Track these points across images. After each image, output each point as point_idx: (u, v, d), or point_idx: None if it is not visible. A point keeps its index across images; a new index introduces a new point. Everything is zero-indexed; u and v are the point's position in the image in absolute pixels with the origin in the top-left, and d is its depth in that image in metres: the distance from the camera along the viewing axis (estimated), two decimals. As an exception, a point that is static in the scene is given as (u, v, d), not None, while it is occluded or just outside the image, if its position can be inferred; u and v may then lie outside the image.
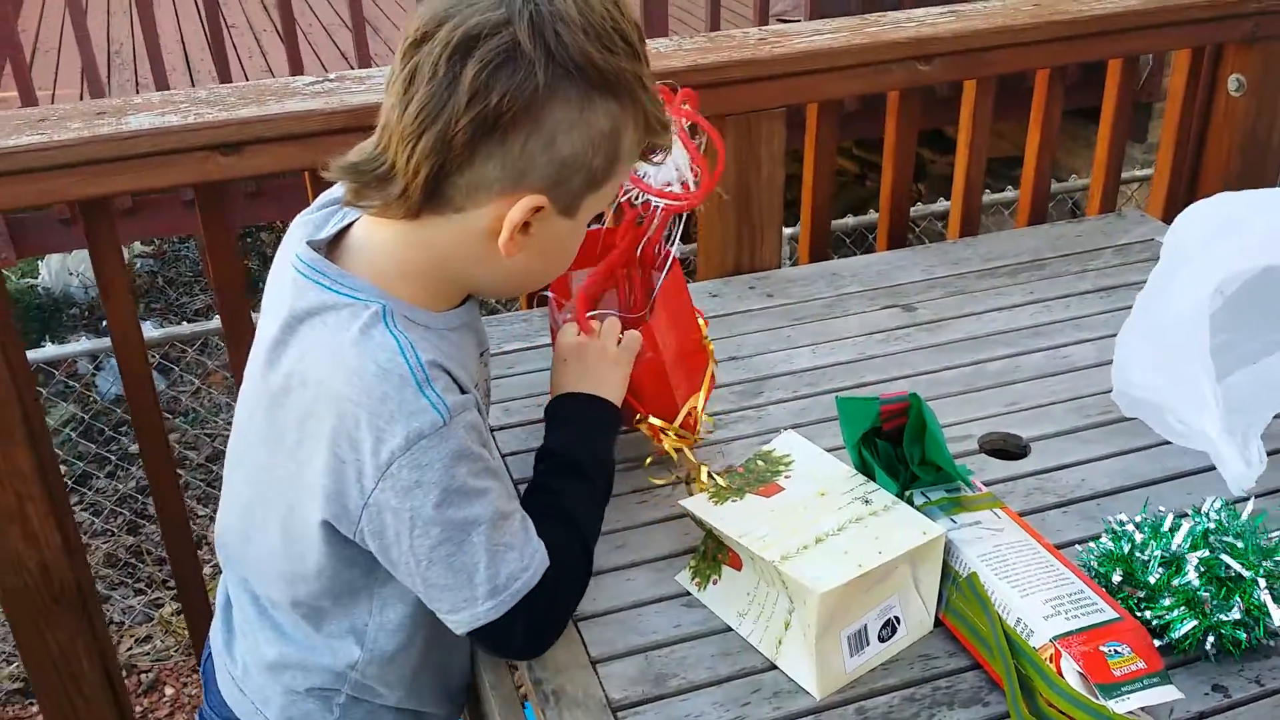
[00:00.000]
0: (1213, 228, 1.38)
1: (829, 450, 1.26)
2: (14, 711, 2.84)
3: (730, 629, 1.16)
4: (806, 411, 1.50)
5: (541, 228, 1.03)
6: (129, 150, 1.44)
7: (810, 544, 1.11)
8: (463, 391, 1.06)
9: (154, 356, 3.67)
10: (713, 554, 1.20)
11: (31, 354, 2.74)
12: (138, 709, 2.88)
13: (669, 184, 1.24)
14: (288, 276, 1.07)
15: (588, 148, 0.99)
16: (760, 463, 1.24)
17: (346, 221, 1.11)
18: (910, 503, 1.19)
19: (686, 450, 1.33)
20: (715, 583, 1.20)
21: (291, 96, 1.55)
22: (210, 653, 1.28)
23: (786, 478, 1.22)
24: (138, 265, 5.19)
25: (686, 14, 4.91)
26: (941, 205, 3.87)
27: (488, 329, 1.69)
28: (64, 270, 5.03)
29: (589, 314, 1.30)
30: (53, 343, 3.81)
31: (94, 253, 1.56)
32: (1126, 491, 1.35)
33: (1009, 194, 3.75)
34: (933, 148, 5.42)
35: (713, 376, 1.39)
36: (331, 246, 1.10)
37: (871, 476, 1.20)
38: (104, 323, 4.59)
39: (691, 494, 1.25)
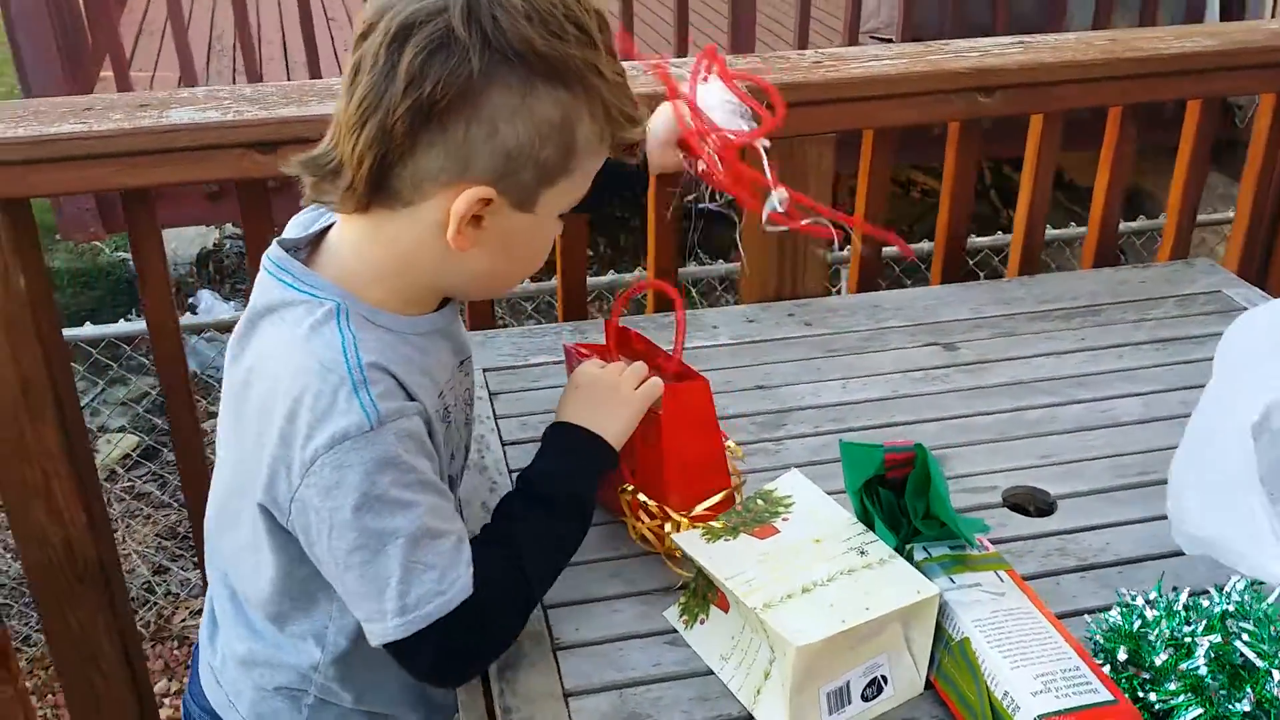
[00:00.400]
0: (1264, 344, 1.26)
1: (836, 494, 1.22)
2: (39, 683, 2.90)
3: (711, 672, 1.13)
4: (827, 448, 1.46)
5: (496, 222, 1.01)
6: (167, 143, 1.46)
7: (796, 593, 1.07)
8: (410, 399, 1.03)
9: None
10: (703, 592, 1.17)
11: (71, 332, 2.81)
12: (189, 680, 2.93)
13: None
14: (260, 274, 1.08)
15: (534, 137, 0.97)
16: (760, 502, 1.21)
17: (329, 222, 1.10)
18: (910, 557, 1.15)
19: (651, 539, 1.26)
20: (702, 622, 1.16)
21: (333, 98, 1.55)
22: (199, 642, 1.29)
23: (785, 520, 1.18)
24: (227, 246, 5.31)
25: (776, 24, 4.86)
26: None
27: (518, 340, 1.70)
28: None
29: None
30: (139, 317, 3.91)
31: (133, 241, 1.59)
32: (1152, 560, 1.28)
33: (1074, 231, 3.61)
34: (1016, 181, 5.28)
35: (730, 499, 1.26)
36: (314, 247, 1.10)
37: (871, 526, 1.16)
38: (190, 299, 4.72)
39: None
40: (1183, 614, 1.09)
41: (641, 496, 1.23)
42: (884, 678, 1.09)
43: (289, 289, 1.04)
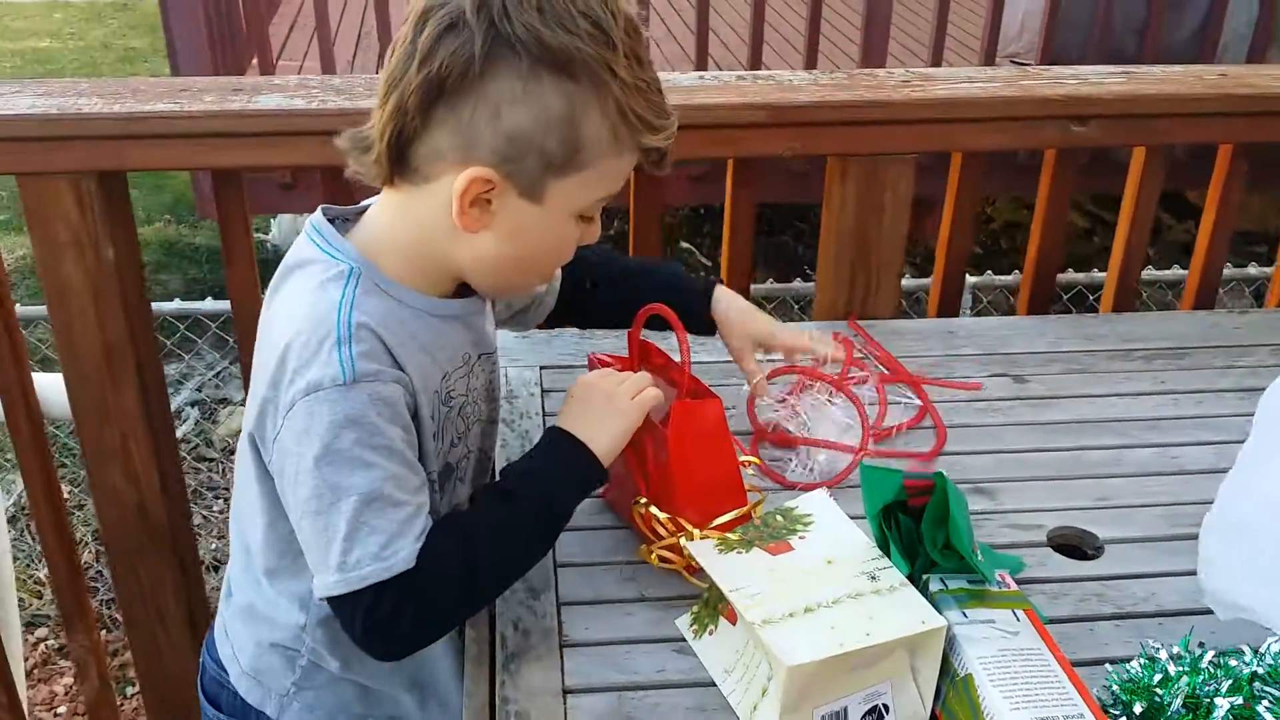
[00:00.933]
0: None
1: (863, 519, 1.20)
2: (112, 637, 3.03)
3: (714, 685, 1.13)
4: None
5: (503, 206, 1.04)
6: (252, 127, 1.53)
7: (799, 612, 1.06)
8: (396, 366, 1.06)
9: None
10: (714, 603, 1.17)
11: (161, 305, 2.98)
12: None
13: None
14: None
15: (536, 125, 1.00)
16: (779, 518, 1.20)
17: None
18: (925, 587, 1.12)
19: (670, 558, 1.24)
20: (711, 634, 1.16)
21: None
22: (222, 594, 1.34)
23: (801, 538, 1.17)
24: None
25: (912, 40, 4.78)
26: (1171, 273, 3.66)
27: (580, 341, 1.71)
28: (293, 230, 5.35)
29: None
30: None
31: (222, 220, 1.66)
32: (1195, 615, 1.22)
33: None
34: (1172, 212, 5.10)
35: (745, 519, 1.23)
36: (358, 219, 1.16)
37: (887, 552, 1.14)
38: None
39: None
40: (1208, 671, 1.04)
41: (654, 510, 1.21)
42: (885, 706, 1.07)
43: (316, 249, 1.10)
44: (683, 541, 1.18)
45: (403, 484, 1.05)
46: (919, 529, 1.15)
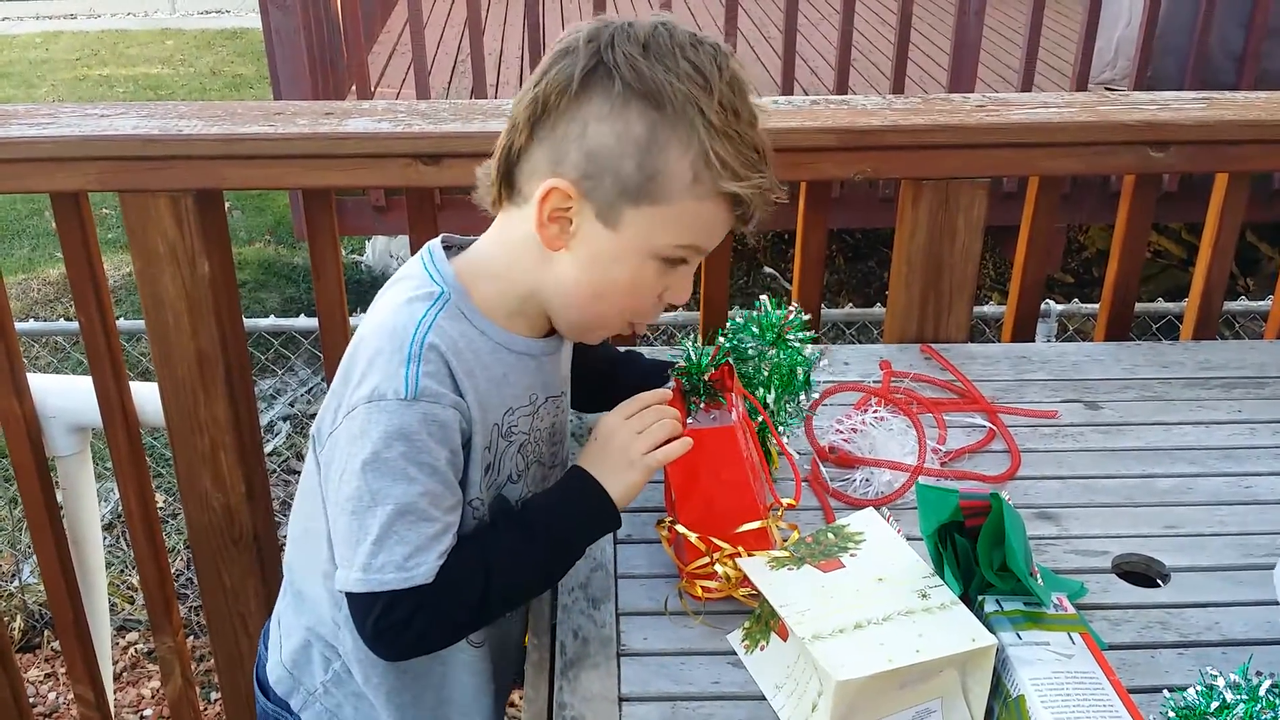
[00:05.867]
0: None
1: (917, 540, 1.21)
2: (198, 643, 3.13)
3: (765, 699, 1.14)
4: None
5: (581, 226, 1.09)
6: (341, 149, 1.59)
7: (849, 628, 1.07)
8: (457, 392, 1.11)
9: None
10: (766, 618, 1.18)
11: (256, 321, 3.09)
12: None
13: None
14: None
15: (616, 145, 1.05)
16: (830, 535, 1.21)
17: None
18: (980, 608, 1.13)
19: (714, 588, 1.24)
20: (763, 649, 1.18)
21: (497, 117, 1.66)
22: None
23: (852, 555, 1.18)
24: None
25: (1003, 66, 4.75)
26: (1261, 304, 3.55)
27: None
28: (386, 252, 5.51)
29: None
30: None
31: (311, 238, 1.73)
32: (1263, 646, 1.21)
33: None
34: (1271, 242, 4.97)
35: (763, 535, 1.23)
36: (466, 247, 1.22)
37: (940, 571, 1.15)
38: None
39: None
40: (1266, 700, 1.03)
41: (680, 528, 1.22)
42: (936, 724, 1.07)
43: (421, 266, 1.17)
44: (738, 561, 1.19)
45: (438, 501, 1.11)
46: (975, 550, 1.15)
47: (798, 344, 1.37)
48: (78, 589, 1.96)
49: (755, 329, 1.37)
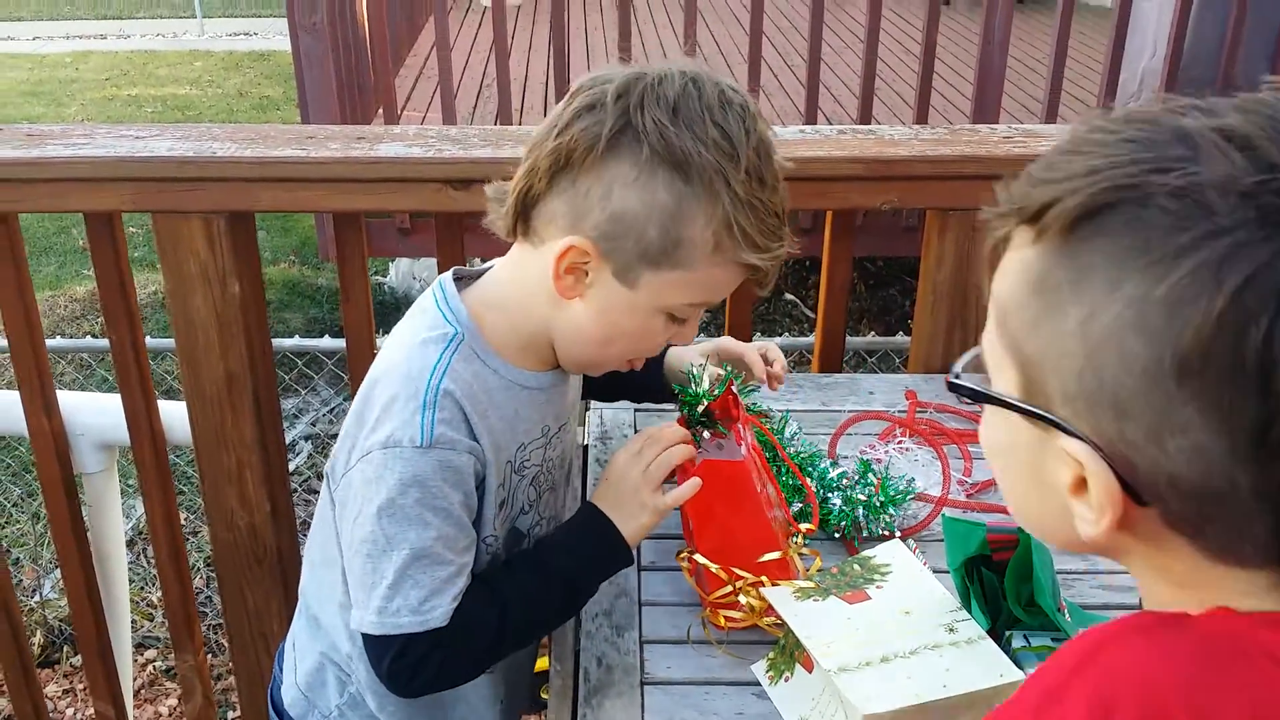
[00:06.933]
0: None
1: (944, 572, 1.21)
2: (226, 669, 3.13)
3: (790, 729, 1.14)
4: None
5: (597, 281, 1.08)
6: (373, 174, 1.61)
7: (875, 661, 1.07)
8: (471, 437, 1.11)
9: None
10: (791, 649, 1.18)
11: (280, 341, 3.14)
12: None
13: None
14: None
15: (641, 211, 1.04)
16: (856, 567, 1.21)
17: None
18: (1008, 644, 1.12)
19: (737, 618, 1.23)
20: (787, 680, 1.17)
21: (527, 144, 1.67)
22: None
23: (878, 588, 1.18)
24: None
25: (1027, 97, 4.75)
26: None
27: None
28: (409, 274, 5.54)
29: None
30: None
31: (341, 260, 1.74)
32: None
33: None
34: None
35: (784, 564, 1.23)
36: (477, 279, 1.22)
37: (968, 605, 1.14)
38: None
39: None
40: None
41: (699, 558, 1.22)
42: (963, 760, 1.07)
43: (434, 303, 1.17)
44: (764, 590, 1.19)
45: (452, 544, 1.12)
46: (1002, 584, 1.15)
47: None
48: (101, 606, 1.97)
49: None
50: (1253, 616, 0.64)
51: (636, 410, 1.68)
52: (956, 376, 0.77)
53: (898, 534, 1.38)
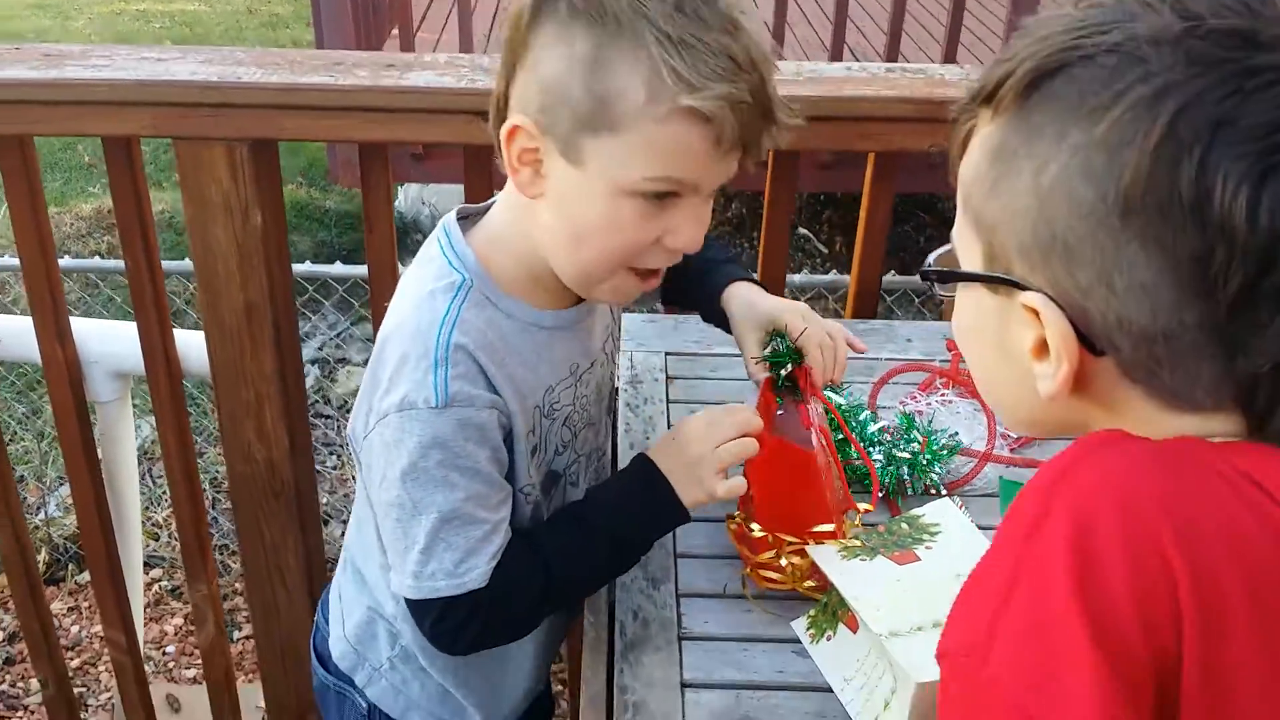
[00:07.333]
0: None
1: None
2: (230, 590, 3.13)
3: (832, 690, 1.11)
4: (991, 481, 1.40)
5: (551, 169, 1.00)
6: (402, 103, 1.54)
7: (927, 626, 1.04)
8: (491, 389, 1.05)
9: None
10: (833, 609, 1.15)
11: (320, 268, 3.12)
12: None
13: None
14: None
15: (564, 70, 0.95)
16: (904, 525, 1.18)
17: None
18: (1059, 609, 1.09)
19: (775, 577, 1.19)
20: (829, 639, 1.14)
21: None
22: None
23: (927, 548, 1.14)
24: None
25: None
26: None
27: (706, 329, 1.64)
28: (419, 200, 5.46)
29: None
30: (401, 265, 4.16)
31: (366, 191, 1.68)
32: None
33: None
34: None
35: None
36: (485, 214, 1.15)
37: (1020, 571, 1.11)
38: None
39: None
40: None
41: (754, 526, 1.17)
42: (1011, 729, 1.04)
43: (439, 249, 1.10)
44: (808, 549, 1.16)
45: (484, 502, 1.07)
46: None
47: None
48: (114, 536, 1.95)
49: None
50: (1224, 444, 0.67)
51: (668, 354, 1.63)
52: (928, 267, 0.79)
53: (944, 490, 1.34)
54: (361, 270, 3.22)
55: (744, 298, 1.31)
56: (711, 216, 1.07)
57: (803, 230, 5.19)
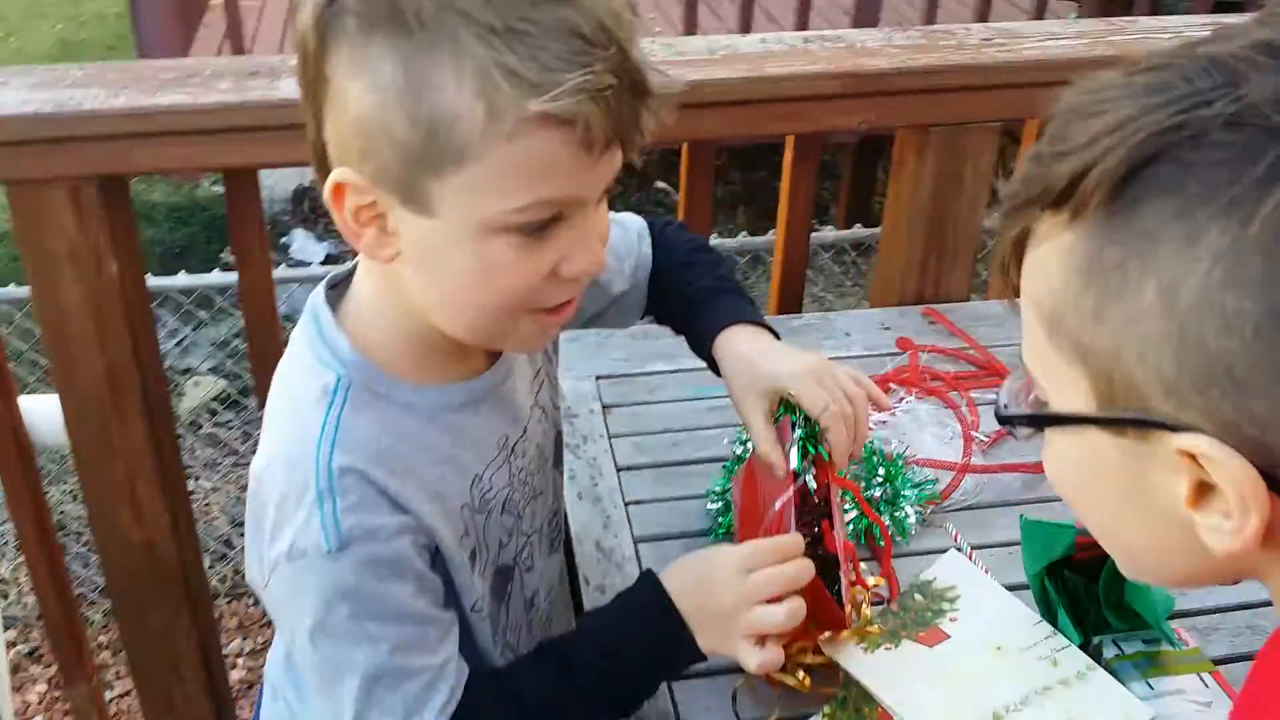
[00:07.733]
0: None
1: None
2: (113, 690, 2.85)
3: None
4: (989, 486, 1.29)
5: (397, 224, 0.79)
6: (276, 120, 1.30)
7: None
8: (397, 510, 0.86)
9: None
10: (856, 705, 1.00)
11: (157, 281, 2.68)
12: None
13: None
14: None
15: (376, 105, 0.74)
16: (919, 597, 1.06)
17: None
18: (1099, 653, 1.00)
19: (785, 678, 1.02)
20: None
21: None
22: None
23: (952, 620, 1.03)
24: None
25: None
26: None
27: (632, 343, 1.50)
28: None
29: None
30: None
31: (233, 219, 1.46)
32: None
33: None
34: None
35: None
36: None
37: (1053, 617, 1.01)
38: (283, 239, 4.65)
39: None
40: None
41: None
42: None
43: (309, 340, 0.88)
44: (824, 647, 1.01)
45: (417, 647, 0.87)
46: (1087, 587, 1.02)
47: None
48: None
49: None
50: None
51: (599, 379, 1.48)
52: (1005, 408, 0.65)
53: (922, 520, 1.22)
54: (210, 279, 3.00)
55: (742, 356, 1.07)
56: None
57: (660, 184, 5.05)
